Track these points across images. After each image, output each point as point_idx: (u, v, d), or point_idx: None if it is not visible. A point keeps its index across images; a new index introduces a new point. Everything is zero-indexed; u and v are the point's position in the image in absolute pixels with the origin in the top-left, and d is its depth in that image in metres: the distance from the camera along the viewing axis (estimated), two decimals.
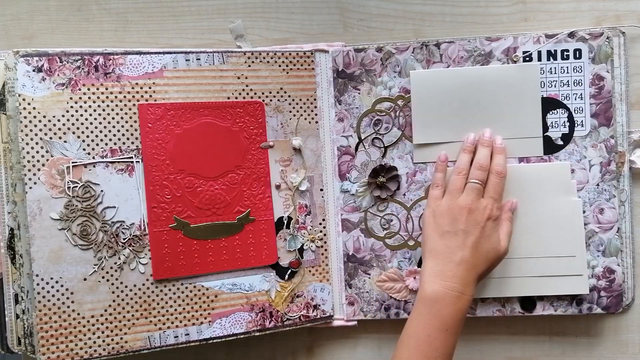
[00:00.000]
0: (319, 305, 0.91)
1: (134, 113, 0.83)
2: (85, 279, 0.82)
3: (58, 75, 0.81)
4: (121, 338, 0.83)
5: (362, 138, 0.92)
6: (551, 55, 0.89)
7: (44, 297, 0.80)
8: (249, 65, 0.88)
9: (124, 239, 0.83)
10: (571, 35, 0.88)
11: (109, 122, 0.82)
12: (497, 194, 0.85)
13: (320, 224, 0.92)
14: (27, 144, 0.80)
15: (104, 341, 0.82)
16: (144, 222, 0.84)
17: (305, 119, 0.91)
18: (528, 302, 0.90)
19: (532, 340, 0.94)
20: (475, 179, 0.85)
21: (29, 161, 0.80)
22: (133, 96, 0.83)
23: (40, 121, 0.80)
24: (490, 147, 0.88)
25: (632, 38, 0.90)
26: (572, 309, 0.90)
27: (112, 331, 0.83)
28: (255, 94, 0.88)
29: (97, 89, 0.82)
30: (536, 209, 0.89)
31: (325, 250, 0.92)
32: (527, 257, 0.89)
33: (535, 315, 0.91)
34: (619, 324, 0.92)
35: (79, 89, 0.81)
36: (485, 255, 0.83)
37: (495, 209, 0.84)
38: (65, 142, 0.81)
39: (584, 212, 0.89)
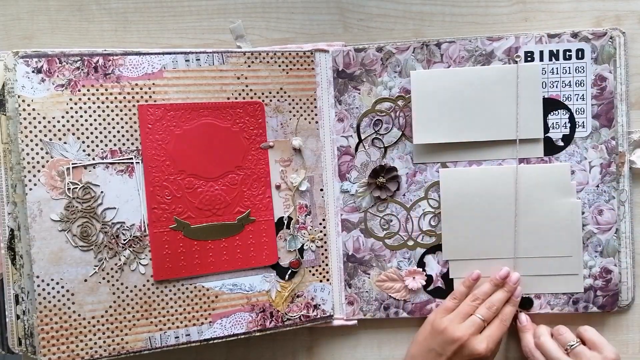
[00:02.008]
0: (319, 305, 0.92)
1: (134, 114, 0.83)
2: (85, 280, 0.82)
3: (57, 76, 0.81)
4: (122, 339, 0.83)
5: (362, 138, 0.92)
6: (553, 55, 0.89)
7: (44, 298, 0.80)
8: (249, 66, 0.88)
9: (125, 240, 0.83)
10: (574, 35, 0.88)
11: (108, 123, 0.82)
12: (495, 340, 0.86)
13: (320, 224, 0.92)
14: (27, 145, 0.79)
15: (104, 342, 0.82)
16: (144, 223, 0.84)
17: (305, 119, 0.91)
18: (526, 301, 0.91)
19: None
20: (482, 316, 0.86)
21: (28, 162, 0.80)
22: (133, 97, 0.83)
23: (40, 122, 0.80)
24: (510, 293, 0.89)
25: (632, 38, 0.90)
26: (569, 308, 0.91)
27: (112, 332, 0.83)
28: (255, 94, 0.88)
29: (97, 89, 0.82)
30: (535, 209, 0.89)
31: (325, 250, 0.92)
32: (525, 256, 0.90)
33: (533, 314, 0.91)
34: (619, 324, 0.93)
35: (79, 90, 0.81)
36: None
37: (487, 352, 0.85)
38: (65, 143, 0.81)
39: (583, 213, 0.89)
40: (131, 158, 0.83)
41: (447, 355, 0.84)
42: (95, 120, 0.82)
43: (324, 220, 0.92)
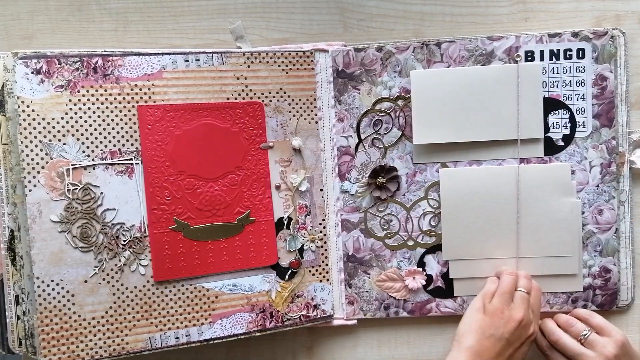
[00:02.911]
0: (319, 305, 0.92)
1: (134, 115, 0.83)
2: (85, 281, 0.82)
3: (57, 77, 0.81)
4: (122, 339, 0.83)
5: (362, 138, 0.92)
6: (554, 54, 0.89)
7: (44, 299, 0.80)
8: (249, 66, 0.88)
9: (124, 241, 0.83)
10: (575, 34, 0.88)
11: (108, 124, 0.82)
12: (536, 313, 0.87)
13: (320, 224, 0.92)
14: (27, 146, 0.80)
15: (105, 343, 0.83)
16: (144, 223, 0.84)
17: (305, 119, 0.91)
18: None
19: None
20: (524, 288, 0.86)
21: (28, 164, 0.80)
22: (132, 98, 0.83)
23: (39, 123, 0.80)
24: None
25: (632, 38, 0.90)
26: (568, 307, 0.91)
27: (113, 333, 0.83)
28: (254, 94, 0.88)
29: (96, 90, 0.82)
30: (535, 209, 0.89)
31: (325, 250, 0.92)
32: (525, 256, 0.90)
33: None
34: (618, 323, 0.92)
35: (78, 91, 0.81)
36: None
37: (535, 331, 0.85)
38: (64, 144, 0.81)
39: (583, 213, 0.89)
40: (131, 159, 0.83)
41: (506, 337, 0.82)
42: (94, 121, 0.82)
43: (324, 220, 0.92)
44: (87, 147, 0.82)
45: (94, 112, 0.82)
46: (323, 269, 0.92)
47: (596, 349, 0.83)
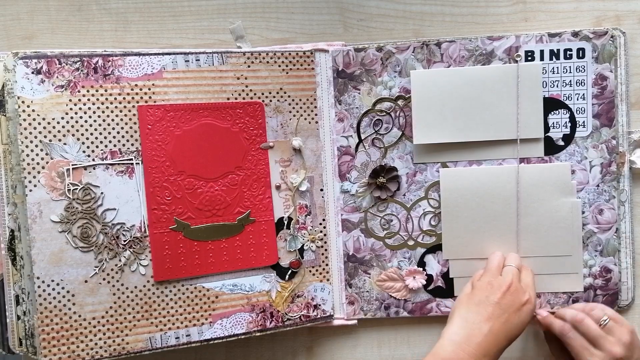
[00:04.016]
0: (320, 305, 0.92)
1: (134, 115, 0.83)
2: (86, 281, 0.82)
3: (57, 77, 0.81)
4: (122, 339, 0.83)
5: (362, 138, 0.92)
6: (554, 54, 0.89)
7: (45, 299, 0.80)
8: (249, 66, 0.88)
9: (125, 241, 0.83)
10: (575, 34, 0.88)
11: (108, 124, 0.82)
12: (530, 285, 0.85)
13: (321, 224, 0.92)
14: (27, 146, 0.80)
15: (105, 342, 0.83)
16: (144, 223, 0.84)
17: (305, 119, 0.91)
18: None
19: (532, 340, 0.94)
20: (512, 263, 0.86)
21: (28, 164, 0.80)
22: (132, 98, 0.83)
23: (39, 123, 0.80)
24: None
25: (632, 38, 0.90)
26: None
27: (113, 333, 0.83)
28: (255, 94, 0.88)
29: (97, 90, 0.82)
30: (536, 209, 0.89)
31: (326, 250, 0.92)
32: (525, 256, 0.90)
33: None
34: None
35: (78, 91, 0.81)
36: (511, 333, 0.81)
37: (534, 300, 0.84)
38: (65, 144, 0.81)
39: (583, 212, 0.89)
40: (131, 159, 0.83)
41: (496, 300, 0.81)
42: (95, 121, 0.82)
43: (324, 220, 0.92)
44: (88, 147, 0.82)
45: (94, 112, 0.82)
46: (323, 269, 0.92)
47: (615, 335, 0.83)
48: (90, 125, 0.82)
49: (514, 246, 0.90)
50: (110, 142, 0.83)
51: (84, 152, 0.82)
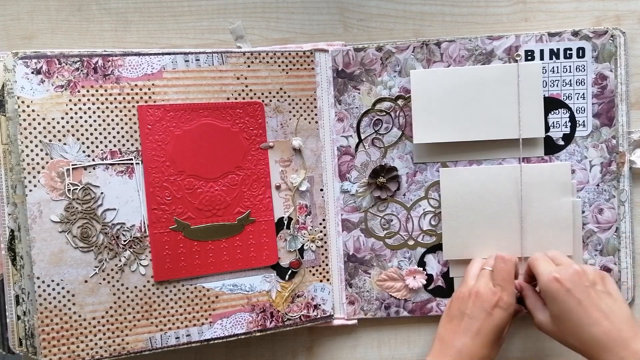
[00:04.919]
0: (320, 305, 0.92)
1: (134, 115, 0.83)
2: (86, 281, 0.82)
3: (57, 77, 0.81)
4: (122, 339, 0.83)
5: (362, 138, 0.92)
6: (554, 54, 0.89)
7: (45, 299, 0.80)
8: (249, 66, 0.88)
9: (125, 241, 0.83)
10: (574, 33, 0.88)
11: (108, 124, 0.82)
12: (504, 280, 0.83)
13: (321, 224, 0.92)
14: (27, 146, 0.80)
15: (105, 343, 0.83)
16: (144, 223, 0.84)
17: (305, 119, 0.91)
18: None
19: (532, 341, 0.94)
20: (488, 266, 0.86)
21: (28, 164, 0.80)
22: (132, 97, 0.83)
23: (39, 123, 0.80)
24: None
25: (632, 38, 0.90)
26: None
27: (113, 333, 0.83)
28: (254, 94, 0.88)
29: (97, 90, 0.82)
30: (536, 208, 0.89)
31: (326, 250, 0.92)
32: (525, 255, 0.90)
33: None
34: None
35: (78, 91, 0.81)
36: (489, 339, 0.81)
37: (506, 297, 0.82)
38: (64, 144, 0.81)
39: (583, 212, 0.89)
40: (131, 159, 0.83)
41: (467, 312, 0.81)
42: (95, 121, 0.82)
43: (324, 220, 0.92)
44: (87, 147, 0.82)
45: (94, 112, 0.82)
46: (323, 269, 0.92)
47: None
48: (90, 125, 0.82)
49: (514, 246, 0.90)
50: (110, 142, 0.83)
51: (83, 152, 0.82)
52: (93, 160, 0.82)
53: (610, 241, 0.90)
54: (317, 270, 0.92)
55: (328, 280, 0.92)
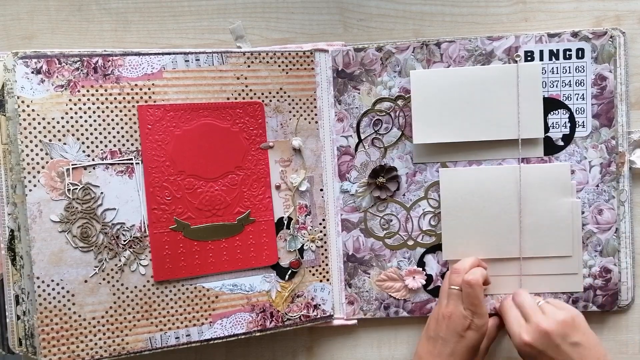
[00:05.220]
0: (319, 305, 0.92)
1: (134, 114, 0.83)
2: (86, 281, 0.82)
3: (57, 77, 0.81)
4: (122, 339, 0.83)
5: (362, 138, 0.92)
6: (553, 54, 0.89)
7: (44, 299, 0.80)
8: (249, 66, 0.88)
9: (125, 241, 0.83)
10: (574, 34, 0.88)
11: (108, 124, 0.82)
12: (473, 305, 0.83)
13: (320, 224, 0.92)
14: (27, 146, 0.79)
15: (105, 342, 0.83)
16: (144, 223, 0.84)
17: (305, 119, 0.91)
18: None
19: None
20: (453, 284, 0.86)
21: (28, 163, 0.80)
22: (132, 97, 0.83)
23: (39, 123, 0.80)
24: (475, 260, 0.89)
25: (632, 38, 0.90)
26: None
27: (113, 333, 0.83)
28: (254, 94, 0.88)
29: (97, 90, 0.82)
30: (535, 209, 0.89)
31: (325, 250, 0.92)
32: (525, 256, 0.90)
33: None
34: (619, 324, 0.93)
35: (78, 91, 0.81)
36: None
37: (477, 319, 0.83)
38: (64, 144, 0.81)
39: (582, 212, 0.89)
40: (131, 159, 0.83)
41: (441, 335, 0.84)
42: (94, 121, 0.82)
43: (324, 220, 0.92)
44: (87, 147, 0.82)
45: (94, 112, 0.82)
46: (323, 269, 0.92)
47: (548, 313, 0.82)
48: (90, 125, 0.82)
49: (513, 246, 0.90)
50: (110, 142, 0.83)
51: (83, 151, 0.82)
52: (93, 160, 0.82)
53: (610, 242, 0.90)
54: (316, 270, 0.92)
55: (328, 280, 0.92)
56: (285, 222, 0.90)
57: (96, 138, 0.82)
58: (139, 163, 0.84)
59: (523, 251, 0.90)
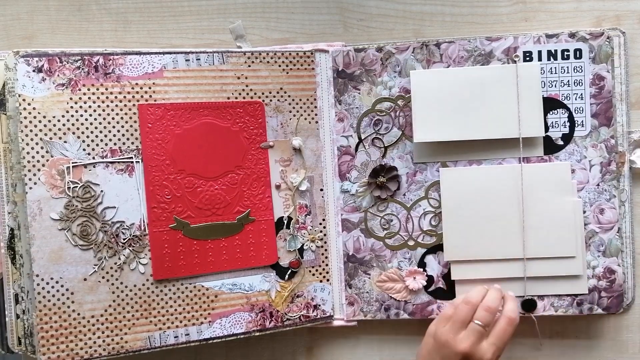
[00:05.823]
0: (319, 305, 0.91)
1: (134, 113, 0.83)
2: (85, 279, 0.82)
3: (58, 75, 0.81)
4: (121, 338, 0.83)
5: (362, 138, 0.92)
6: (551, 55, 0.89)
7: (44, 297, 0.80)
8: (249, 66, 0.88)
9: (124, 239, 0.83)
10: (572, 35, 0.88)
11: (109, 123, 0.82)
12: (503, 342, 0.81)
13: (320, 224, 0.92)
14: (27, 144, 0.80)
15: (104, 341, 0.82)
16: (144, 222, 0.84)
17: (305, 119, 0.91)
18: (529, 303, 0.90)
19: (532, 341, 0.94)
20: (480, 321, 0.81)
21: (29, 161, 0.80)
22: (133, 96, 0.83)
23: (40, 121, 0.80)
24: (501, 292, 0.86)
25: (632, 38, 0.90)
26: (573, 310, 0.90)
27: (112, 331, 0.83)
28: (255, 94, 0.88)
29: (97, 89, 0.82)
30: (536, 209, 0.89)
31: (325, 250, 0.92)
32: (527, 256, 0.89)
33: (537, 316, 0.90)
34: (619, 324, 0.92)
35: (79, 89, 0.81)
36: None
37: (494, 358, 0.81)
38: (65, 142, 0.81)
39: (584, 212, 0.89)
40: (131, 157, 0.83)
41: None
42: (95, 119, 0.82)
43: (324, 220, 0.92)
44: (88, 145, 0.82)
45: (94, 111, 0.82)
46: (323, 269, 0.92)
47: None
48: (91, 124, 0.82)
49: (515, 246, 0.89)
50: (110, 140, 0.83)
51: (84, 150, 0.82)
52: (93, 158, 0.82)
53: (613, 242, 0.89)
54: (316, 270, 0.92)
55: (328, 280, 0.92)
56: (285, 222, 0.90)
57: (96, 136, 0.82)
58: (139, 162, 0.84)
59: (526, 251, 0.89)
